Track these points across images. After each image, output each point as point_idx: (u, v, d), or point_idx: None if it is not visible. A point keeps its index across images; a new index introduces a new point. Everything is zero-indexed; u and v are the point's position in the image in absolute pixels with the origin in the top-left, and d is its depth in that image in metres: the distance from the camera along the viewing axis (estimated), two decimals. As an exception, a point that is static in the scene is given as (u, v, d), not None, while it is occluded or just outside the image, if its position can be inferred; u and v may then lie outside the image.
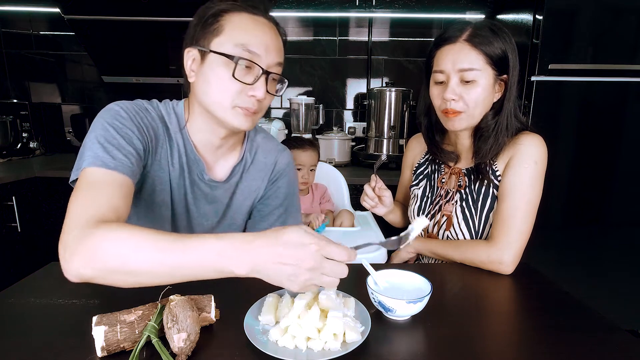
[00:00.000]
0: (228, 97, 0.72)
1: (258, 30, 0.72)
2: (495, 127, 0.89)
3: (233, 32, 0.71)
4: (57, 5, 1.90)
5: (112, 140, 0.67)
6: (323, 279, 0.50)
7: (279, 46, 0.76)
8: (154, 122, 0.77)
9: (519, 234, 0.85)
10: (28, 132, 2.18)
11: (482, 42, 0.84)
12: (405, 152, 1.16)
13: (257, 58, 0.71)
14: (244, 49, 0.70)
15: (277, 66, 0.75)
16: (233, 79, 0.70)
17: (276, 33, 0.76)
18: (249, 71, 0.72)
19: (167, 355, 0.50)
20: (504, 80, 0.88)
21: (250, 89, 0.72)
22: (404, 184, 1.17)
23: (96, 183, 0.62)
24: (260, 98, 0.73)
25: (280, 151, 0.95)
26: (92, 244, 0.52)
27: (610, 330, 0.61)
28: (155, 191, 0.79)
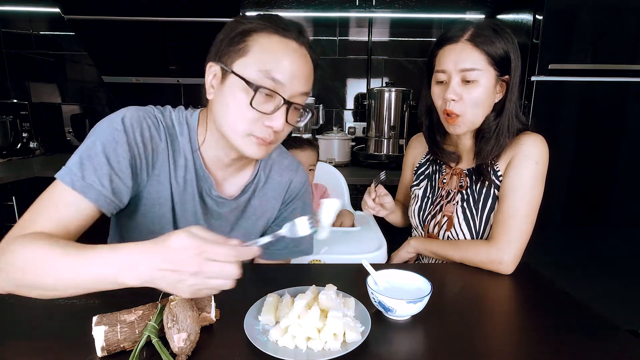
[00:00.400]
0: (243, 124, 0.68)
1: (286, 55, 0.67)
2: (497, 128, 0.88)
3: (259, 55, 0.66)
4: (57, 5, 1.90)
5: (93, 159, 0.64)
6: (210, 283, 0.49)
7: (307, 74, 0.71)
8: (156, 136, 0.73)
9: (520, 234, 0.85)
10: (28, 132, 2.18)
11: (484, 42, 0.83)
12: (406, 152, 1.16)
13: (280, 87, 0.66)
14: (267, 75, 0.65)
15: (301, 96, 0.70)
16: (248, 106, 0.65)
17: (307, 60, 0.70)
18: (269, 99, 0.67)
19: (167, 355, 0.50)
20: (505, 81, 0.88)
21: (267, 119, 0.67)
22: (405, 183, 1.17)
23: (56, 201, 0.63)
24: (278, 130, 0.68)
25: (295, 170, 0.90)
26: (7, 260, 0.55)
27: (610, 330, 0.61)
28: (154, 206, 0.75)
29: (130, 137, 0.68)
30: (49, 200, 0.63)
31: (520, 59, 0.87)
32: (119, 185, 0.67)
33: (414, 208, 1.04)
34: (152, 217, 0.76)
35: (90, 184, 0.63)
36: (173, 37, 2.05)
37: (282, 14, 2.29)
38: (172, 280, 0.48)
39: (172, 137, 0.75)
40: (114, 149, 0.66)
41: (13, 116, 2.10)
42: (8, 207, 1.63)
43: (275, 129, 0.68)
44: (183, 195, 0.77)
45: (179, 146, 0.75)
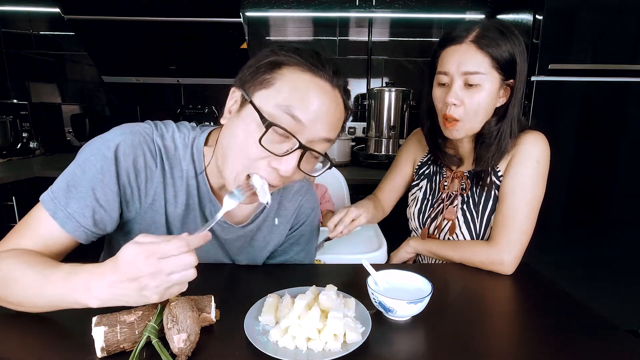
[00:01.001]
0: (245, 161, 0.61)
1: (313, 93, 0.59)
2: (498, 134, 0.85)
3: (282, 88, 0.59)
4: (57, 5, 1.90)
5: (79, 188, 0.63)
6: (173, 279, 0.48)
7: (335, 121, 0.62)
8: (151, 164, 0.68)
9: (520, 235, 0.85)
10: (28, 132, 2.18)
11: (489, 44, 0.80)
12: (405, 147, 1.11)
13: (299, 127, 0.58)
14: (286, 111, 0.58)
15: (322, 142, 0.62)
16: (257, 142, 0.58)
17: (338, 104, 0.63)
18: (284, 140, 0.59)
19: (167, 356, 0.50)
20: (510, 85, 0.84)
21: (276, 161, 0.59)
22: (394, 178, 1.11)
23: (38, 224, 0.63)
24: (285, 174, 0.60)
25: (304, 194, 0.85)
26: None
27: (610, 330, 0.61)
28: (150, 231, 0.68)
29: (122, 167, 0.65)
30: (33, 222, 0.64)
31: (527, 62, 0.83)
32: (102, 217, 0.65)
33: (413, 210, 1.03)
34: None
35: (70, 215, 0.62)
36: (173, 37, 2.05)
37: (282, 14, 2.27)
38: (135, 289, 0.48)
39: (171, 162, 0.70)
40: (102, 180, 0.64)
41: (13, 116, 2.10)
42: (8, 207, 1.63)
43: (283, 173, 0.59)
44: (185, 220, 0.73)
45: (182, 171, 0.71)
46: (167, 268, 0.48)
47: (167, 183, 0.70)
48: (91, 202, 0.63)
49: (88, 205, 0.63)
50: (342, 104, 0.64)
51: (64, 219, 0.62)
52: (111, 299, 0.50)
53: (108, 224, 0.67)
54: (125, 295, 0.49)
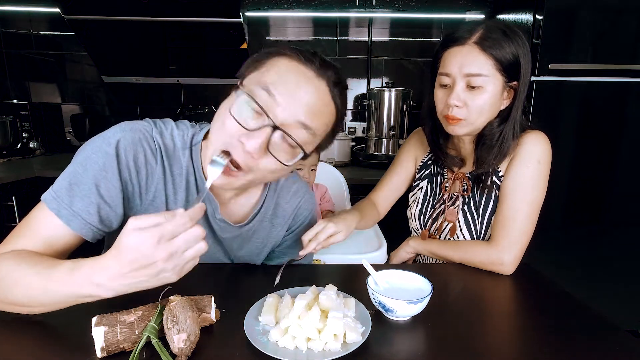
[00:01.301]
0: (218, 136, 0.61)
1: (293, 76, 0.60)
2: (500, 136, 0.84)
3: (268, 72, 0.60)
4: (57, 5, 1.90)
5: (82, 185, 0.62)
6: (187, 255, 0.48)
7: (315, 108, 0.61)
8: (151, 160, 0.68)
9: (520, 235, 0.84)
10: (28, 132, 2.18)
11: (492, 46, 0.78)
12: (407, 146, 1.10)
13: (273, 104, 0.58)
14: (263, 87, 0.59)
15: (298, 127, 0.60)
16: (230, 116, 0.59)
17: (322, 93, 0.62)
18: (258, 117, 0.59)
19: (167, 356, 0.50)
20: (513, 87, 0.83)
21: (245, 135, 0.58)
22: (395, 177, 1.10)
23: (42, 224, 0.62)
24: (251, 150, 0.58)
25: (303, 196, 0.84)
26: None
27: (610, 330, 0.61)
28: None
29: (123, 163, 0.65)
30: (34, 222, 0.63)
31: (530, 64, 0.82)
32: (108, 214, 0.65)
33: (414, 211, 1.03)
34: None
35: (76, 213, 0.61)
36: (173, 37, 2.05)
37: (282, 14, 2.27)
38: (151, 275, 0.47)
39: (170, 159, 0.70)
40: (105, 176, 0.63)
41: (13, 116, 2.10)
42: (8, 207, 1.63)
43: (248, 148, 0.58)
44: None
45: (181, 168, 0.71)
46: (180, 247, 0.47)
47: (167, 180, 0.70)
48: (96, 198, 0.63)
49: (93, 202, 0.62)
50: (327, 94, 0.63)
51: (70, 217, 0.61)
52: (127, 289, 0.49)
53: (114, 220, 0.66)
54: (142, 282, 0.48)
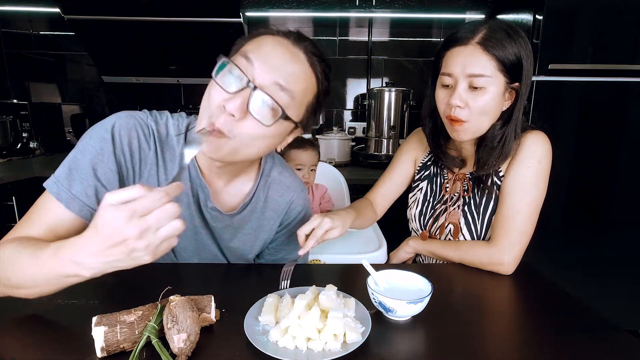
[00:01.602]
0: (208, 105, 0.63)
1: (269, 42, 0.64)
2: (502, 138, 0.84)
3: (248, 44, 0.65)
4: (57, 5, 1.90)
5: (81, 170, 0.65)
6: (161, 234, 0.46)
7: (291, 71, 0.64)
8: (145, 146, 0.71)
9: (520, 235, 0.84)
10: (28, 132, 2.18)
11: (495, 46, 0.78)
12: (406, 146, 1.09)
13: (251, 68, 0.62)
14: (242, 54, 0.63)
15: (274, 87, 0.62)
16: (217, 86, 0.62)
17: (298, 58, 0.65)
18: (237, 81, 0.62)
19: (167, 356, 0.50)
20: (515, 89, 0.83)
21: (225, 99, 0.61)
22: (393, 177, 1.09)
23: (45, 209, 0.65)
24: (230, 110, 0.60)
25: (296, 191, 0.85)
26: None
27: (610, 330, 0.61)
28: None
29: (118, 147, 0.68)
30: (39, 210, 0.65)
31: (532, 65, 0.82)
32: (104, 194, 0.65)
33: (414, 212, 1.02)
34: None
35: (75, 196, 0.64)
36: (173, 37, 2.05)
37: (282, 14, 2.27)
38: (124, 253, 0.46)
39: (164, 145, 0.73)
40: (101, 160, 0.66)
41: (13, 116, 2.10)
42: (8, 207, 1.63)
43: (228, 109, 0.60)
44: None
45: (174, 156, 0.73)
46: (154, 224, 0.45)
47: (159, 166, 0.72)
48: (93, 181, 0.65)
49: (90, 184, 0.65)
50: (305, 61, 0.66)
51: (69, 200, 0.64)
52: (103, 267, 0.48)
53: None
54: (116, 261, 0.47)
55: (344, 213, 0.86)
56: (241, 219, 0.80)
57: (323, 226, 0.75)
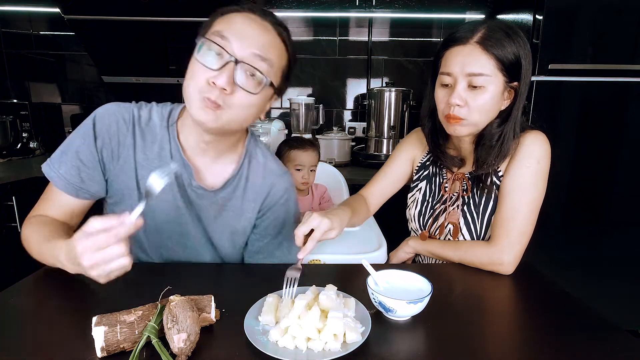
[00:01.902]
0: (194, 83, 0.69)
1: (239, 18, 0.70)
2: (501, 136, 0.84)
3: (218, 24, 0.71)
4: (57, 5, 1.90)
5: (68, 153, 0.77)
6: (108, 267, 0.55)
7: (264, 40, 0.70)
8: (123, 129, 0.78)
9: (520, 235, 0.84)
10: (28, 132, 2.18)
11: (494, 46, 0.78)
12: (405, 144, 1.09)
13: (228, 43, 0.68)
14: (217, 34, 0.68)
15: (254, 58, 0.69)
16: (200, 65, 0.68)
17: (266, 28, 0.71)
18: (219, 58, 0.68)
19: (167, 356, 0.50)
20: (514, 88, 0.83)
21: (214, 76, 0.67)
22: (389, 174, 1.09)
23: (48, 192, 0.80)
24: (220, 86, 0.67)
25: (279, 175, 0.88)
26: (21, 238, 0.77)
27: (610, 330, 0.61)
28: (125, 197, 0.80)
29: (98, 131, 0.77)
30: (47, 191, 0.81)
31: (531, 65, 0.82)
32: (88, 175, 0.78)
33: (413, 212, 1.02)
34: (125, 208, 0.77)
35: (62, 176, 0.76)
36: (173, 37, 2.05)
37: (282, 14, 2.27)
38: (84, 271, 0.57)
39: (144, 128, 0.80)
40: (83, 143, 0.77)
41: (13, 116, 2.10)
42: (8, 207, 1.63)
43: (219, 85, 0.67)
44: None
45: (155, 136, 0.80)
46: (101, 261, 0.55)
47: (137, 146, 0.79)
48: (76, 162, 0.77)
49: (74, 165, 0.77)
50: (273, 31, 0.72)
51: (57, 179, 0.77)
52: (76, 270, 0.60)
53: (95, 182, 0.79)
54: (82, 272, 0.58)
55: (341, 212, 0.84)
56: (225, 197, 0.84)
57: (322, 227, 0.74)
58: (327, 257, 1.01)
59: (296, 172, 1.43)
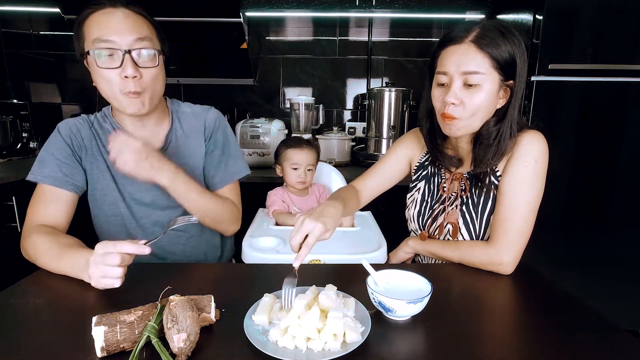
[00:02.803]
0: (112, 87, 0.84)
1: (107, 20, 0.82)
2: (498, 135, 0.85)
3: (89, 33, 0.83)
4: (57, 5, 1.90)
5: (45, 159, 0.92)
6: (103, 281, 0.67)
7: (134, 24, 0.84)
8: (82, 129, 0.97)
9: (519, 235, 0.84)
10: (28, 132, 2.18)
11: (489, 44, 0.79)
12: (402, 143, 1.09)
13: (113, 44, 0.81)
14: (96, 42, 0.81)
15: (139, 41, 0.83)
16: (104, 70, 0.82)
17: (126, 15, 0.84)
18: (114, 57, 0.82)
19: (166, 356, 0.50)
20: (509, 86, 0.84)
21: (122, 73, 0.82)
22: (384, 169, 1.08)
23: (37, 193, 0.91)
24: (130, 75, 0.82)
25: (206, 111, 1.06)
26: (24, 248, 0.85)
27: (610, 330, 0.61)
28: (99, 179, 0.96)
29: (64, 134, 0.94)
30: (35, 197, 0.91)
31: (527, 63, 0.83)
32: (69, 168, 0.92)
33: (412, 212, 1.02)
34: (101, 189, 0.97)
35: (47, 175, 0.90)
36: (173, 37, 2.04)
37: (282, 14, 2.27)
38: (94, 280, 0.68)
39: (97, 127, 0.98)
40: (55, 146, 0.93)
41: (13, 116, 2.10)
42: (8, 207, 1.63)
43: (128, 75, 0.82)
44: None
45: (106, 131, 0.96)
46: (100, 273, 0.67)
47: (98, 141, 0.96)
48: (55, 161, 0.91)
49: (54, 164, 0.91)
50: (129, 12, 0.85)
51: (43, 178, 0.90)
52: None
53: (77, 173, 0.94)
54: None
55: (333, 211, 0.81)
56: (173, 148, 1.00)
57: (315, 232, 0.72)
58: (327, 257, 1.01)
59: (292, 171, 1.43)
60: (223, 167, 1.05)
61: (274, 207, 1.37)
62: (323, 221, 0.73)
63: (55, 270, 0.77)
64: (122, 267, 0.67)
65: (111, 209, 0.98)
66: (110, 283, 0.67)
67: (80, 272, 0.72)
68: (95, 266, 0.67)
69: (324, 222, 0.73)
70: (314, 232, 0.71)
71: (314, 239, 0.71)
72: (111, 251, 0.66)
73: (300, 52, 2.32)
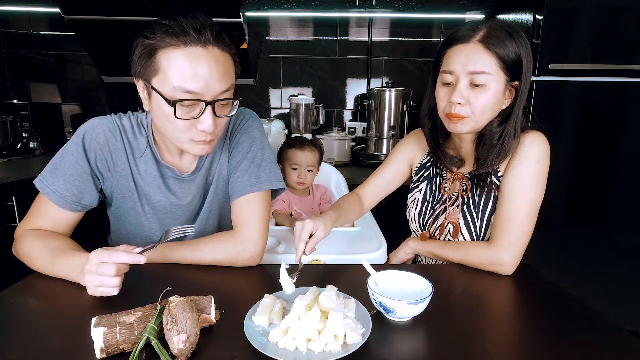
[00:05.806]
0: (179, 133, 0.75)
1: (195, 66, 0.69)
2: (502, 135, 0.85)
3: (169, 73, 0.69)
4: (57, 5, 1.90)
5: (59, 169, 0.82)
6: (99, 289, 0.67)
7: (222, 71, 0.72)
8: (111, 139, 0.85)
9: (520, 235, 0.84)
10: (28, 132, 2.18)
11: (496, 44, 0.78)
12: (404, 145, 1.09)
13: (198, 95, 0.70)
14: (181, 90, 0.69)
15: (221, 94, 0.73)
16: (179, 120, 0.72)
17: (217, 58, 0.71)
18: (194, 106, 0.71)
19: (166, 357, 0.50)
20: (515, 87, 0.83)
21: (198, 123, 0.73)
22: (386, 173, 1.08)
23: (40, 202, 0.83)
24: (208, 130, 0.73)
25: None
26: (17, 248, 0.81)
27: (610, 330, 0.61)
28: (125, 199, 0.89)
29: (88, 146, 0.83)
30: (37, 204, 0.83)
31: (532, 64, 0.83)
32: (80, 188, 0.82)
33: (413, 213, 1.02)
34: (126, 209, 0.91)
35: (55, 191, 0.80)
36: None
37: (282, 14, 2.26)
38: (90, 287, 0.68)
39: (129, 136, 0.87)
40: (73, 158, 0.82)
41: (13, 116, 2.10)
42: (8, 207, 1.63)
43: (206, 129, 0.73)
44: (145, 186, 0.88)
45: (138, 144, 0.87)
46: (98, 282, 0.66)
47: (128, 153, 0.86)
48: (68, 177, 0.81)
49: (67, 180, 0.81)
50: (219, 54, 0.72)
51: (50, 194, 0.81)
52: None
53: (87, 194, 0.84)
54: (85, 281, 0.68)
55: (322, 215, 0.92)
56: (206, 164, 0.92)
57: (306, 227, 0.81)
58: (327, 257, 1.01)
59: (292, 171, 1.43)
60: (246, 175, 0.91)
61: (275, 207, 1.37)
62: (311, 218, 0.84)
63: (51, 275, 0.75)
64: (119, 276, 0.66)
65: (132, 227, 0.93)
66: (107, 292, 0.67)
67: (77, 277, 0.70)
68: (90, 275, 0.66)
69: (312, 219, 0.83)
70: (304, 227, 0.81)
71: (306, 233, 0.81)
72: (106, 261, 0.65)
73: (300, 52, 2.32)
